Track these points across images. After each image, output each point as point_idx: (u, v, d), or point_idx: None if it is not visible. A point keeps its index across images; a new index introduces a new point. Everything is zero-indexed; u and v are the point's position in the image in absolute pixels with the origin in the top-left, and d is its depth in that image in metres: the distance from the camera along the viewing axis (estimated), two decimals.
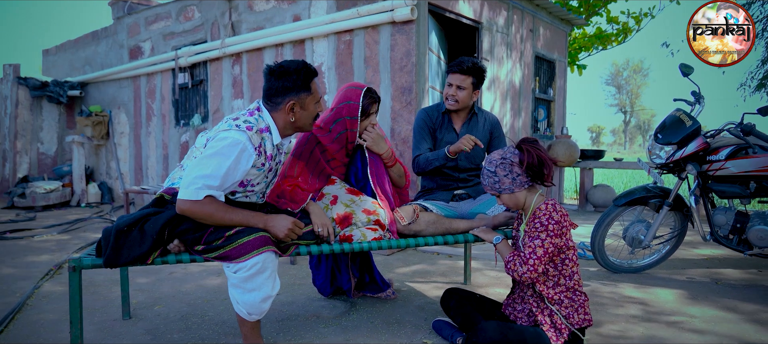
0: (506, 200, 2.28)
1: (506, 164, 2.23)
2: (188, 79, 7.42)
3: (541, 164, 2.18)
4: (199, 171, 2.04)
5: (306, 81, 2.21)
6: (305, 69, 2.20)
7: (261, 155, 2.17)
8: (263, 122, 2.22)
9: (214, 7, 6.91)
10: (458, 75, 2.93)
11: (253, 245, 2.03)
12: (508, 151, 2.27)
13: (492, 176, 2.26)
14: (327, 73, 5.59)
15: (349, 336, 2.56)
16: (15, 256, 4.49)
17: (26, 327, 2.71)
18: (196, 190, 2.02)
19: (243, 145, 2.08)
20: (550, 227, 2.12)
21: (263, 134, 2.19)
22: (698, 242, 4.81)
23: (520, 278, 2.15)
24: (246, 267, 2.02)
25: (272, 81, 2.20)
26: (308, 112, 2.26)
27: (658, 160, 3.57)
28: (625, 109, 62.07)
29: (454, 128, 3.08)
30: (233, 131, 2.10)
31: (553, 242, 2.12)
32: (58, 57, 10.48)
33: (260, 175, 2.24)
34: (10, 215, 7.49)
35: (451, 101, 2.98)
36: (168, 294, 3.31)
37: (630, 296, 3.20)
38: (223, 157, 2.05)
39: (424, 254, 4.47)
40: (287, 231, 2.16)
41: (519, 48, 6.82)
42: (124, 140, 8.72)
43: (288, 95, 2.20)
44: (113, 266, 2.02)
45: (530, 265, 2.11)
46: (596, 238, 3.69)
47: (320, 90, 2.32)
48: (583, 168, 7.69)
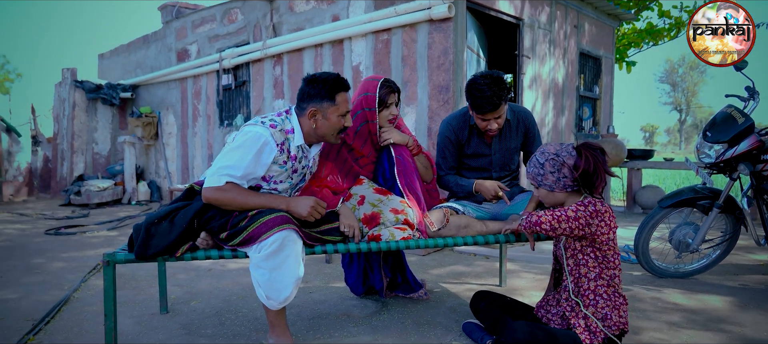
0: (543, 195, 2.22)
1: (557, 163, 2.14)
2: (232, 81, 7.60)
3: (596, 174, 2.09)
4: (223, 162, 2.15)
5: (331, 92, 2.24)
6: (334, 80, 2.25)
7: (283, 152, 2.23)
8: (289, 123, 2.28)
9: (256, 9, 7.05)
10: (493, 112, 2.59)
11: (273, 222, 2.07)
12: (564, 149, 2.16)
13: (538, 168, 2.19)
14: (365, 73, 5.60)
15: (378, 336, 2.54)
16: (67, 251, 4.71)
17: (71, 318, 2.82)
18: (219, 177, 2.12)
19: (265, 139, 2.16)
20: (589, 209, 2.05)
21: (288, 135, 2.25)
22: (753, 247, 4.55)
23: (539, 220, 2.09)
24: (267, 245, 2.05)
25: (303, 86, 2.28)
26: (330, 122, 2.28)
27: (707, 159, 3.39)
28: (681, 107, 59.58)
29: (485, 141, 2.85)
30: (258, 127, 2.19)
31: (588, 221, 2.04)
32: (112, 61, 10.95)
33: (283, 173, 2.28)
34: (67, 211, 7.87)
35: (492, 132, 2.69)
36: (205, 290, 3.38)
37: (674, 302, 3.05)
38: (246, 149, 2.14)
39: (461, 255, 4.40)
40: (310, 209, 2.18)
41: (562, 45, 6.64)
42: (172, 140, 9.01)
43: (312, 102, 2.25)
44: (144, 258, 2.09)
45: (555, 216, 2.05)
46: (640, 241, 3.54)
47: (349, 104, 2.32)
48: (631, 169, 7.41)
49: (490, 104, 2.54)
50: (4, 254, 4.56)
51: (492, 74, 2.58)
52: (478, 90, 2.55)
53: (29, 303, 3.10)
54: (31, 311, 2.93)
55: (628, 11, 8.60)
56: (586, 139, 7.25)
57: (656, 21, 11.15)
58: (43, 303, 3.09)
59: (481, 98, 2.54)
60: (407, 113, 5.21)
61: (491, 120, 2.63)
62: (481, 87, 2.54)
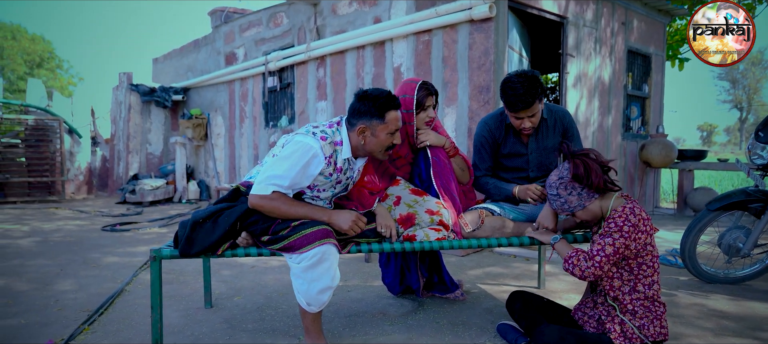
0: (582, 215, 2.19)
1: (565, 183, 2.16)
2: (277, 83, 7.79)
3: (588, 173, 2.09)
4: (272, 171, 2.20)
5: (381, 110, 2.25)
6: (385, 99, 2.26)
7: (330, 165, 2.27)
8: (339, 135, 2.31)
9: (300, 12, 7.20)
10: (527, 110, 2.57)
11: (315, 236, 2.13)
12: (563, 168, 2.20)
13: (558, 199, 2.21)
14: (406, 74, 5.63)
15: (413, 335, 2.57)
16: (121, 246, 4.95)
17: (123, 309, 2.99)
18: (266, 186, 2.19)
19: (315, 152, 2.21)
20: (625, 229, 2.01)
21: (337, 147, 2.29)
22: None
23: (582, 274, 2.05)
24: (307, 257, 2.12)
25: (354, 102, 2.31)
26: (378, 140, 2.30)
27: (759, 161, 3.26)
28: (742, 105, 56.68)
29: (522, 140, 2.84)
30: (309, 138, 2.23)
31: (626, 244, 2.00)
32: (165, 65, 11.40)
33: (328, 184, 2.34)
34: (122, 209, 8.26)
35: (527, 131, 2.69)
36: (248, 286, 3.50)
37: (720, 309, 2.94)
38: (295, 160, 2.19)
39: (500, 257, 4.37)
40: (350, 224, 2.24)
41: (609, 43, 6.47)
42: (220, 141, 9.31)
43: (362, 119, 2.28)
44: (187, 255, 2.19)
45: (596, 262, 2.01)
46: (686, 244, 3.43)
47: (399, 122, 2.32)
48: (682, 169, 7.15)
49: (523, 102, 2.53)
50: (65, 248, 4.84)
51: (526, 73, 2.56)
52: (511, 88, 2.54)
53: (85, 295, 3.29)
54: (86, 302, 3.11)
55: (680, 6, 8.28)
56: (635, 139, 7.04)
57: None
58: (98, 295, 3.27)
59: (514, 96, 2.53)
60: (447, 113, 5.21)
61: (525, 119, 2.61)
62: (514, 85, 2.53)
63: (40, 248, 4.86)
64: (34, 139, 9.79)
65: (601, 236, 2.06)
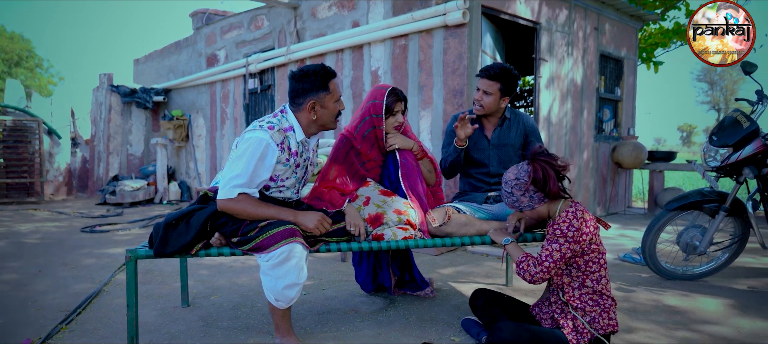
0: (529, 214, 2.35)
1: (520, 184, 2.28)
2: (257, 85, 7.85)
3: (546, 178, 2.20)
4: (231, 173, 2.30)
5: (324, 81, 2.39)
6: (323, 71, 2.39)
7: (284, 151, 2.37)
8: (287, 122, 2.42)
9: (281, 15, 7.28)
10: (485, 80, 2.92)
11: (281, 235, 2.23)
12: (521, 169, 2.30)
13: (510, 197, 2.33)
14: (383, 78, 5.74)
15: (382, 331, 2.68)
16: (100, 247, 4.99)
17: (101, 309, 3.06)
18: (230, 189, 2.29)
19: (266, 142, 2.31)
20: (569, 234, 2.14)
21: (287, 132, 2.40)
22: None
23: (532, 279, 2.19)
24: (274, 256, 2.22)
25: (294, 84, 2.41)
26: (328, 110, 2.44)
27: (713, 163, 3.43)
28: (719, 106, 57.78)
29: (485, 134, 3.08)
30: (258, 131, 2.33)
31: (571, 247, 2.14)
32: (146, 65, 11.39)
33: (288, 170, 2.43)
34: (102, 210, 8.26)
35: (476, 106, 3.00)
36: (225, 285, 3.59)
37: (673, 304, 3.10)
38: (250, 156, 2.29)
39: (472, 256, 4.51)
40: (316, 223, 2.34)
41: (581, 46, 6.65)
42: (201, 142, 9.34)
43: (308, 96, 2.39)
44: (162, 255, 2.28)
45: (544, 267, 2.15)
46: (647, 242, 3.59)
47: (339, 89, 2.47)
48: (653, 170, 7.37)
49: (485, 71, 2.90)
50: (43, 250, 4.87)
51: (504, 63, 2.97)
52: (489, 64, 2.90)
53: (63, 295, 3.35)
54: (64, 303, 3.18)
55: (652, 12, 8.51)
56: (607, 140, 7.23)
57: (684, 21, 10.97)
58: (76, 295, 3.34)
59: (486, 66, 2.89)
60: (423, 116, 5.34)
61: (480, 91, 2.95)
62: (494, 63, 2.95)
63: (17, 249, 4.89)
64: (13, 140, 9.72)
65: (548, 241, 2.19)
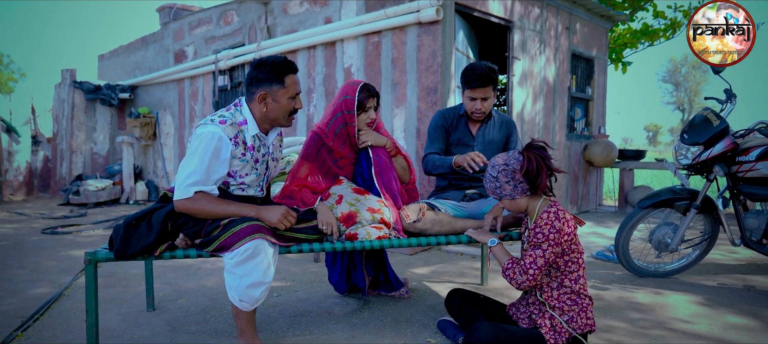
0: (507, 204, 2.27)
1: (508, 171, 2.20)
2: (227, 82, 7.68)
3: (539, 172, 2.15)
4: (185, 171, 2.18)
5: (279, 74, 2.27)
6: (281, 63, 2.28)
7: (239, 145, 2.26)
8: (241, 115, 2.32)
9: (251, 11, 7.13)
10: (481, 88, 2.88)
11: (245, 232, 2.12)
12: (512, 156, 2.24)
13: (494, 181, 2.25)
14: (356, 74, 5.66)
15: (356, 333, 2.61)
16: (62, 249, 4.79)
17: (60, 314, 2.90)
18: (186, 188, 2.17)
19: (219, 135, 2.19)
20: (551, 237, 2.10)
21: (241, 126, 2.29)
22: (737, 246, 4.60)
23: (519, 287, 2.15)
24: (239, 253, 2.10)
25: (251, 71, 2.31)
26: (280, 105, 2.31)
27: (684, 161, 3.46)
28: (684, 106, 59.45)
29: (470, 131, 3.07)
30: (209, 126, 2.21)
31: (554, 251, 2.10)
32: (112, 62, 11.05)
33: (246, 166, 2.32)
34: (65, 211, 7.96)
35: (478, 114, 2.97)
36: (193, 288, 3.46)
37: (644, 302, 3.11)
38: (202, 151, 2.17)
39: (446, 255, 4.47)
40: (280, 217, 2.22)
41: (553, 45, 6.70)
42: (169, 141, 9.10)
43: (261, 86, 2.28)
44: (123, 257, 2.16)
45: (530, 275, 2.11)
46: (620, 240, 3.61)
47: (298, 86, 2.35)
48: (623, 169, 7.47)
49: (480, 80, 2.85)
50: (0, 253, 4.64)
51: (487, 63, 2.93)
52: (474, 69, 2.88)
53: (19, 300, 3.18)
54: (21, 308, 3.01)
55: (621, 12, 8.64)
56: (579, 139, 7.30)
57: (651, 21, 11.19)
58: (34, 300, 3.17)
59: (473, 75, 2.86)
60: (397, 114, 5.28)
61: (478, 99, 2.90)
62: (476, 66, 2.88)
63: None
64: None
65: (532, 247, 2.14)
